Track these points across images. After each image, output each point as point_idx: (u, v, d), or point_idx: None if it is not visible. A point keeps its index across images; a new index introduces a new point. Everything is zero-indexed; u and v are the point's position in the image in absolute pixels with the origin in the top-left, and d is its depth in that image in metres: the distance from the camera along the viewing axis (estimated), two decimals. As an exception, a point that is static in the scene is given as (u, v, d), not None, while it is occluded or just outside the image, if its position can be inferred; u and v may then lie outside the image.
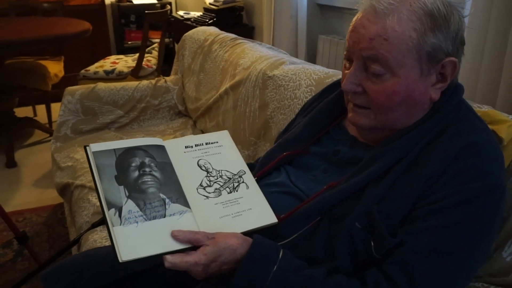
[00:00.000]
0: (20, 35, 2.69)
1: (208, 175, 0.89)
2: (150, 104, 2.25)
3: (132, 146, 0.86)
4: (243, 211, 0.85)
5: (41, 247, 2.10)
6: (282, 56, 1.73)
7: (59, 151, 2.04)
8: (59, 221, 2.29)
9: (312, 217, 0.83)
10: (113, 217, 0.76)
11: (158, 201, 0.81)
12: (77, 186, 1.72)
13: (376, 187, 0.79)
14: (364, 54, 0.79)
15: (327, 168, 0.93)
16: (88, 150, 0.84)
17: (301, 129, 1.01)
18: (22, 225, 2.25)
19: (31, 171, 2.81)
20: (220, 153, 0.93)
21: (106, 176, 0.80)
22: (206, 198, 0.85)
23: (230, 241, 0.76)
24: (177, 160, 0.88)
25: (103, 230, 1.44)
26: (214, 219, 0.82)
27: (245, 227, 0.83)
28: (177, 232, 0.77)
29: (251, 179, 0.91)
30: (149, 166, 0.85)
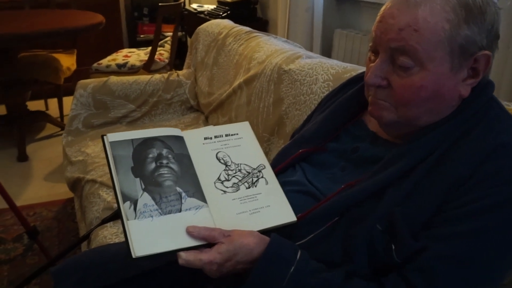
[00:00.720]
0: (34, 28, 2.67)
1: (227, 169, 0.86)
2: (162, 98, 2.22)
3: (150, 136, 0.84)
4: (261, 208, 0.82)
5: (51, 242, 2.08)
6: (298, 50, 1.68)
7: (70, 145, 2.02)
8: (69, 216, 2.28)
9: (329, 217, 0.79)
10: (128, 211, 0.74)
11: (174, 195, 0.78)
12: (88, 181, 1.69)
13: (399, 188, 0.75)
14: (392, 45, 0.75)
15: (345, 166, 0.89)
16: (105, 140, 0.81)
17: (318, 125, 0.96)
18: (32, 220, 2.23)
19: (42, 165, 2.80)
20: (239, 145, 0.90)
21: (123, 168, 0.78)
22: (224, 193, 0.82)
23: (246, 240, 0.73)
24: (196, 152, 0.86)
25: (113, 226, 1.41)
26: (231, 216, 0.79)
27: (262, 225, 0.79)
28: (192, 228, 0.74)
29: (271, 175, 0.87)
30: (167, 158, 0.82)
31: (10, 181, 2.61)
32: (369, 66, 0.80)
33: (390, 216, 0.73)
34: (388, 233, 0.73)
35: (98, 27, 2.85)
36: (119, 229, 1.39)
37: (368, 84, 0.80)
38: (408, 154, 0.76)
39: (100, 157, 1.83)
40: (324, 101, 1.07)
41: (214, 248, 0.72)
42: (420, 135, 0.77)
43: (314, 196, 0.86)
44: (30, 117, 3.14)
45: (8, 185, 2.53)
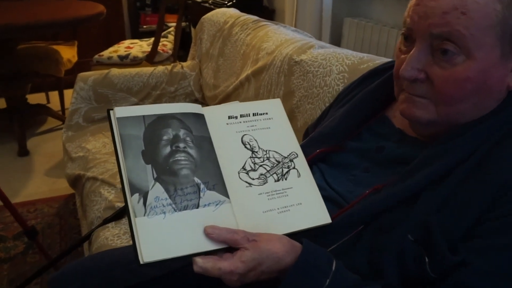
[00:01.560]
0: (33, 18, 2.59)
1: (253, 156, 0.74)
2: (165, 91, 2.13)
3: (165, 113, 0.71)
4: (292, 205, 0.71)
5: (52, 239, 2.02)
6: (309, 39, 1.59)
7: (71, 141, 1.94)
8: (71, 212, 2.21)
9: (354, 226, 0.71)
10: (136, 205, 0.63)
11: (191, 187, 0.66)
12: (89, 179, 1.62)
13: (434, 194, 0.66)
14: (434, 31, 0.65)
15: (369, 167, 0.80)
16: (111, 116, 0.69)
17: (337, 122, 0.87)
18: (33, 216, 2.17)
19: (43, 159, 2.73)
20: (269, 127, 0.77)
21: (132, 151, 0.66)
22: (249, 185, 0.71)
23: (275, 248, 0.64)
24: (218, 134, 0.73)
25: (115, 227, 1.34)
26: (256, 214, 0.69)
27: (292, 226, 0.69)
28: (211, 229, 0.64)
29: (304, 165, 0.76)
30: (184, 141, 0.70)
31: (11, 176, 2.54)
32: (401, 57, 0.72)
33: (424, 226, 0.65)
34: (422, 245, 0.65)
35: (99, 18, 2.76)
36: (121, 230, 1.32)
37: (403, 78, 0.70)
38: (445, 155, 0.68)
39: (101, 153, 1.76)
40: (343, 95, 0.98)
41: (236, 255, 0.63)
42: (458, 133, 0.69)
43: (334, 201, 0.77)
44: (31, 110, 3.07)
45: (8, 181, 2.49)
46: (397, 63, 0.74)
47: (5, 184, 2.42)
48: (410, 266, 0.66)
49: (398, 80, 0.74)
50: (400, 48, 0.73)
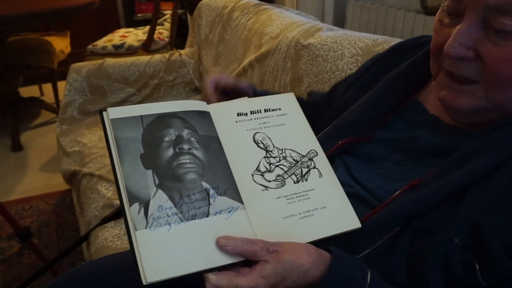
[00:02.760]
0: (23, 8, 2.48)
1: (268, 156, 0.66)
2: (163, 80, 2.04)
3: (165, 112, 0.64)
4: (315, 209, 0.62)
5: (49, 238, 1.93)
6: (316, 22, 1.50)
7: (65, 135, 1.85)
8: (68, 208, 2.12)
9: (389, 229, 0.62)
10: (136, 217, 0.55)
11: (199, 193, 0.59)
12: (85, 174, 1.53)
13: (483, 190, 0.57)
14: (490, 2, 0.56)
15: (401, 160, 0.71)
16: (104, 117, 0.62)
17: (363, 109, 0.78)
18: (29, 214, 2.08)
19: (38, 154, 2.63)
20: (283, 124, 0.70)
21: (129, 156, 0.59)
22: (265, 189, 0.63)
23: (300, 259, 0.55)
24: (226, 133, 0.66)
25: (114, 227, 1.25)
26: (275, 220, 0.60)
27: (317, 233, 0.60)
28: (225, 240, 0.55)
29: (325, 164, 0.68)
30: (189, 142, 0.62)
31: (4, 172, 2.45)
32: (444, 31, 0.62)
33: (474, 228, 0.56)
34: (471, 249, 0.57)
35: (92, 6, 2.65)
36: (121, 230, 1.23)
37: (448, 56, 0.61)
38: (495, 146, 0.58)
39: (98, 147, 1.67)
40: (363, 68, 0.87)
41: (255, 269, 0.54)
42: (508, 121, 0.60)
43: (362, 199, 0.68)
44: (23, 104, 2.97)
45: (1, 177, 2.40)
46: (436, 37, 0.64)
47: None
48: (457, 274, 0.57)
49: (438, 57, 0.65)
50: (441, 20, 0.64)
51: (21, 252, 1.84)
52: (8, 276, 1.73)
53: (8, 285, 1.68)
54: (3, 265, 1.78)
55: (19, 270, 1.75)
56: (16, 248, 1.86)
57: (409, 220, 0.61)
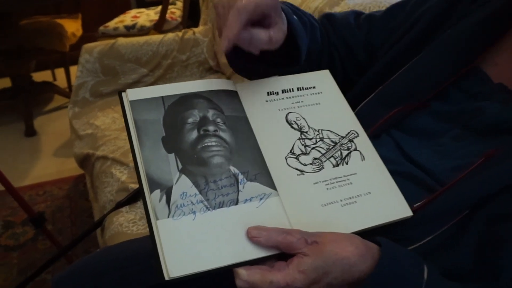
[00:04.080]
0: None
1: (303, 137, 0.60)
2: (177, 60, 1.96)
3: (189, 92, 0.59)
4: (358, 196, 0.56)
5: (63, 223, 1.89)
6: (339, -9, 1.40)
7: (78, 117, 1.79)
8: (81, 194, 2.08)
9: (454, 213, 0.54)
10: (158, 205, 0.50)
11: (227, 178, 0.53)
12: (99, 158, 1.47)
13: None
14: None
15: (460, 135, 0.62)
16: (124, 99, 0.58)
17: (414, 76, 0.68)
18: (42, 199, 2.04)
19: (51, 139, 2.59)
20: (318, 103, 0.64)
21: (149, 139, 0.55)
22: (301, 173, 0.57)
23: (344, 251, 0.47)
24: (256, 113, 0.61)
25: (129, 211, 1.19)
26: (313, 208, 0.54)
27: (362, 222, 0.54)
28: (256, 230, 0.49)
29: (368, 146, 0.61)
30: (214, 124, 0.57)
31: (18, 157, 2.42)
32: None
33: None
34: None
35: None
36: (136, 214, 1.17)
37: None
38: None
39: (111, 130, 1.60)
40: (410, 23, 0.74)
41: (292, 263, 0.47)
42: None
43: (417, 179, 0.60)
44: (36, 88, 2.93)
45: (15, 162, 2.36)
46: None
47: (12, 166, 2.30)
48: None
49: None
50: None
51: (35, 238, 1.80)
52: (23, 262, 1.70)
53: (23, 271, 1.65)
54: (18, 251, 1.74)
55: (33, 256, 1.72)
56: (31, 234, 1.82)
57: (482, 203, 0.53)
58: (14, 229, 1.86)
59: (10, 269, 1.67)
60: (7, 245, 1.77)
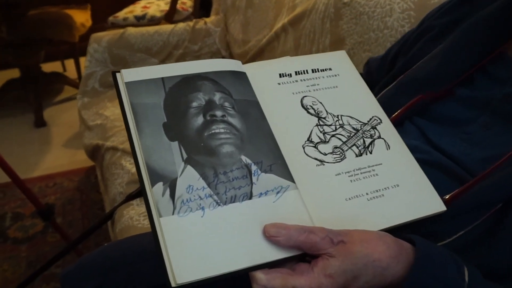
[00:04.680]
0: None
1: (321, 123, 0.55)
2: (188, 50, 1.92)
3: (192, 73, 0.54)
4: (386, 189, 0.51)
5: (73, 216, 1.87)
6: (357, -23, 1.34)
7: (87, 108, 1.76)
8: (92, 186, 2.05)
9: (488, 206, 0.49)
10: (161, 200, 0.45)
11: (238, 170, 0.48)
12: (108, 149, 1.44)
13: None
14: None
15: (489, 123, 0.58)
16: (118, 80, 0.52)
17: (438, 62, 0.64)
18: (53, 191, 2.02)
19: (61, 130, 2.57)
20: (336, 87, 0.59)
21: (149, 125, 0.49)
22: (320, 163, 0.52)
23: (376, 252, 0.43)
24: (268, 97, 0.55)
25: (140, 204, 1.16)
26: (337, 202, 0.49)
27: (392, 218, 0.49)
28: (274, 228, 0.44)
29: (392, 134, 0.56)
30: (222, 108, 0.52)
31: (28, 149, 2.39)
32: None
33: None
34: None
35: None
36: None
37: None
38: None
39: (121, 120, 1.57)
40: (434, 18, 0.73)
41: (318, 265, 0.42)
42: None
43: (446, 169, 0.55)
44: (46, 79, 2.91)
45: (25, 154, 2.34)
46: None
47: (22, 157, 2.28)
48: None
49: None
50: None
51: (45, 231, 1.78)
52: (32, 255, 1.68)
53: (32, 264, 1.63)
54: (27, 244, 1.72)
55: (43, 249, 1.70)
56: (40, 227, 1.80)
57: None
58: (23, 221, 1.83)
59: (19, 262, 1.64)
60: (16, 238, 1.75)
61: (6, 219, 1.84)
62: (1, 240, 1.74)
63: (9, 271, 1.61)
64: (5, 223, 1.82)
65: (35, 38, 2.74)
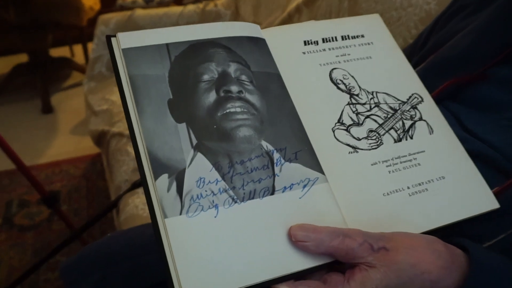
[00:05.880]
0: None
1: (353, 101, 0.47)
2: (198, 33, 1.85)
3: (202, 39, 0.45)
4: (430, 181, 0.43)
5: (79, 204, 1.82)
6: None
7: (94, 92, 1.71)
8: (99, 173, 2.00)
9: None
10: (166, 197, 0.37)
11: (258, 158, 0.40)
12: (114, 135, 1.39)
13: None
14: None
15: None
16: (114, 46, 0.43)
17: (473, 39, 0.57)
18: (59, 178, 1.97)
19: (69, 116, 2.52)
20: (370, 57, 0.51)
21: (151, 104, 0.41)
22: (354, 150, 0.44)
23: (424, 262, 0.36)
24: (291, 69, 0.47)
25: (146, 192, 1.10)
26: (373, 198, 0.42)
27: (439, 218, 0.42)
28: (302, 231, 0.37)
29: (436, 114, 0.49)
30: (238, 82, 0.44)
31: (34, 135, 2.35)
32: None
33: None
34: None
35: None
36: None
37: None
38: None
39: (127, 105, 1.52)
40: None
41: (354, 278, 0.35)
42: None
43: (490, 160, 0.49)
44: (53, 64, 2.86)
45: (32, 140, 2.30)
46: None
47: (28, 143, 2.24)
48: None
49: None
50: None
51: (50, 218, 1.74)
52: (37, 243, 1.64)
53: (38, 252, 1.59)
54: (33, 231, 1.68)
55: (48, 237, 1.66)
56: (46, 214, 1.76)
57: None
58: (29, 208, 1.80)
59: (25, 250, 1.61)
60: (22, 225, 1.71)
61: (12, 206, 1.81)
62: (8, 227, 1.71)
63: (15, 259, 1.57)
64: (11, 209, 1.79)
65: (43, 20, 2.69)
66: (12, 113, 2.56)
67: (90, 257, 0.70)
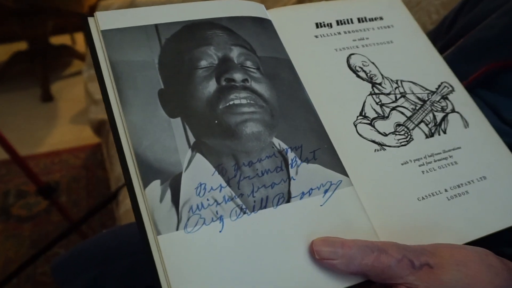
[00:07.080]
0: None
1: (376, 91, 0.41)
2: (202, 20, 1.79)
3: (198, 19, 0.39)
4: (470, 182, 0.38)
5: (78, 195, 1.78)
6: None
7: (94, 80, 1.65)
8: (99, 163, 1.95)
9: None
10: (158, 208, 0.31)
11: (269, 159, 0.34)
12: (114, 124, 1.33)
13: None
14: None
15: None
16: (91, 28, 0.37)
17: (508, 22, 0.51)
18: (58, 168, 1.93)
19: (69, 105, 2.47)
20: (391, 42, 0.46)
21: (138, 95, 0.35)
22: (380, 148, 0.38)
23: (478, 281, 0.30)
24: (303, 55, 0.41)
25: (147, 184, 1.05)
26: (407, 204, 0.36)
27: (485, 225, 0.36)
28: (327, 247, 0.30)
29: (470, 105, 0.43)
30: (243, 69, 0.37)
31: (34, 124, 2.31)
32: None
33: None
34: None
35: None
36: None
37: None
38: None
39: (128, 93, 1.47)
40: None
41: None
42: None
43: None
44: (54, 51, 2.81)
45: (31, 129, 2.25)
46: None
47: (27, 132, 2.20)
48: None
49: None
50: None
51: (48, 209, 1.69)
52: (35, 234, 1.59)
53: (35, 244, 1.55)
54: (30, 223, 1.64)
55: (46, 228, 1.61)
56: (44, 205, 1.71)
57: None
58: (26, 198, 1.75)
59: (22, 241, 1.56)
60: (19, 216, 1.67)
61: (9, 196, 1.76)
62: (4, 217, 1.66)
63: (11, 250, 1.53)
64: (8, 200, 1.74)
65: (42, 6, 2.63)
66: (11, 101, 2.51)
67: (83, 255, 0.65)
